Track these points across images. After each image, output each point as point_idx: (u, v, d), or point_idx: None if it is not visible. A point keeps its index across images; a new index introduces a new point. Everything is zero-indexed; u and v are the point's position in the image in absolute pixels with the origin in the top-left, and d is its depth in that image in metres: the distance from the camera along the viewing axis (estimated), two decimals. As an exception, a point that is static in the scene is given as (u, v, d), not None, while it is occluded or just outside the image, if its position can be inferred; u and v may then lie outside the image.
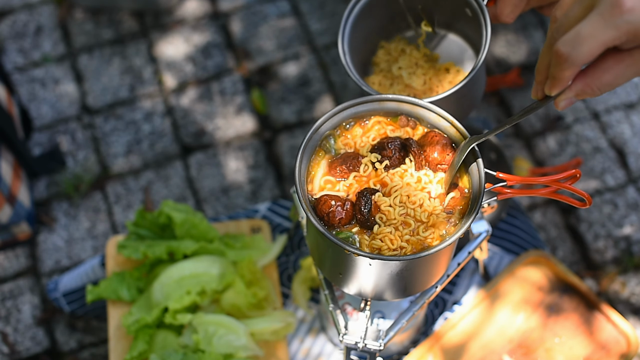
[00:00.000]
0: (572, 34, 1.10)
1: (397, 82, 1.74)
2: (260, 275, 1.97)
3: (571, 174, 1.34)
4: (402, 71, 1.74)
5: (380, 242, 1.38)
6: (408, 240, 1.38)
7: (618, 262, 2.21)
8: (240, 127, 2.43)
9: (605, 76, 1.14)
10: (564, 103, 1.20)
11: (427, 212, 1.40)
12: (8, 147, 2.14)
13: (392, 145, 1.45)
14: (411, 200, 1.40)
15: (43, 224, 2.28)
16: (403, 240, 1.38)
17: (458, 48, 1.77)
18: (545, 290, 2.02)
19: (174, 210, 2.02)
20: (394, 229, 1.39)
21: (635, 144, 2.38)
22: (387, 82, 1.75)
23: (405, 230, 1.39)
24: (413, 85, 1.72)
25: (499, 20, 1.57)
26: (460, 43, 1.78)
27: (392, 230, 1.38)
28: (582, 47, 1.09)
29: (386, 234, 1.38)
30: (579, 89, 1.17)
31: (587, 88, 1.16)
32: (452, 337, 1.96)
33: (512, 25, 2.54)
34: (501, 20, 1.56)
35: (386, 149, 1.44)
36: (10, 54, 2.54)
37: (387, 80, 1.76)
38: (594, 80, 1.15)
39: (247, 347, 1.87)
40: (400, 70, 1.74)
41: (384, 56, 1.78)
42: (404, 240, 1.38)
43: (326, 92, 2.47)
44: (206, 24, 2.59)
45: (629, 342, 1.94)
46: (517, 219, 2.15)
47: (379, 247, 1.38)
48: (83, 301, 2.08)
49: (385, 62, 1.78)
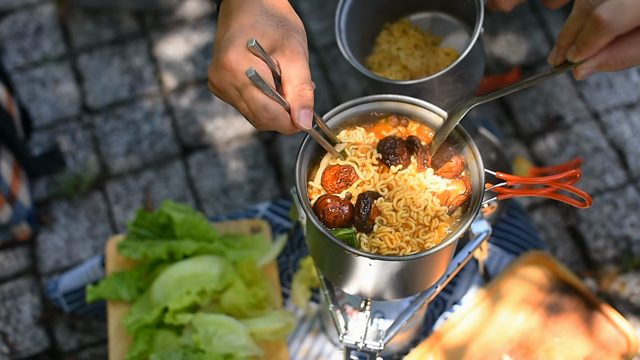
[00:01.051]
0: (615, 1, 1.09)
1: (394, 62, 1.75)
2: (260, 275, 1.97)
3: (571, 174, 1.34)
4: (400, 52, 1.75)
5: (379, 240, 1.38)
6: (408, 241, 1.38)
7: (618, 262, 2.21)
8: (240, 127, 2.43)
9: (630, 50, 1.14)
10: (585, 72, 1.20)
11: (429, 215, 1.40)
12: (8, 147, 2.14)
13: (401, 144, 1.44)
14: (415, 204, 1.40)
15: (43, 224, 2.28)
16: (403, 241, 1.38)
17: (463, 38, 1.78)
18: (545, 290, 2.02)
19: (174, 210, 2.02)
20: (394, 230, 1.39)
21: (635, 144, 2.38)
22: (386, 62, 1.77)
23: (406, 231, 1.39)
24: (409, 66, 1.73)
25: (497, 7, 1.57)
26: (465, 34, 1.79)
27: (392, 230, 1.38)
28: (624, 16, 1.09)
29: (386, 233, 1.38)
30: (602, 59, 1.16)
31: (611, 60, 1.15)
32: (452, 337, 1.96)
33: (512, 25, 2.55)
34: (499, 7, 1.57)
35: (396, 147, 1.43)
36: (10, 54, 2.54)
37: (385, 61, 1.77)
38: (620, 52, 1.15)
39: (247, 347, 1.87)
40: (399, 50, 1.75)
41: (386, 37, 1.80)
42: (404, 240, 1.38)
43: (326, 92, 2.47)
44: (206, 24, 2.59)
45: (629, 342, 1.94)
46: (517, 219, 2.15)
47: (378, 245, 1.38)
48: (83, 301, 2.08)
49: (387, 42, 1.79)
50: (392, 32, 1.80)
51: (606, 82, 2.47)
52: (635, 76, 2.48)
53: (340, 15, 1.69)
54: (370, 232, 1.39)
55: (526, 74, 2.45)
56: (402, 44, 1.76)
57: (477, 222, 1.71)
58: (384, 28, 1.81)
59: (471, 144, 1.43)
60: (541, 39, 2.52)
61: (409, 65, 1.73)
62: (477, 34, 1.57)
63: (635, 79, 2.48)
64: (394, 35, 1.79)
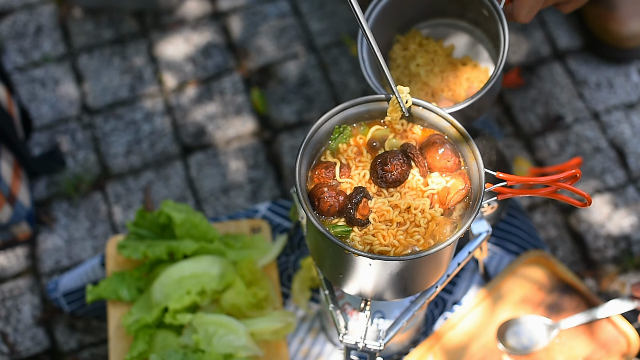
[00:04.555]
0: None
1: (414, 80, 1.75)
2: (260, 275, 1.97)
3: (571, 174, 1.34)
4: (420, 69, 1.74)
5: (372, 237, 1.39)
6: (400, 240, 1.39)
7: (618, 262, 2.21)
8: (240, 127, 2.43)
9: None
10: None
11: (426, 218, 1.40)
12: (8, 147, 2.14)
13: (395, 160, 1.42)
14: (415, 206, 1.40)
15: (43, 224, 2.28)
16: (396, 238, 1.38)
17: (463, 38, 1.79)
18: (545, 290, 2.02)
19: (174, 210, 2.02)
20: (387, 227, 1.39)
21: (635, 144, 2.38)
22: (405, 79, 1.76)
23: (400, 230, 1.39)
24: (430, 83, 1.73)
25: (516, 20, 1.59)
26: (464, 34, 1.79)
27: (385, 227, 1.39)
28: None
29: (380, 230, 1.39)
30: None
31: None
32: (452, 337, 1.96)
33: (512, 25, 2.54)
34: (518, 20, 1.58)
35: (389, 164, 1.42)
36: (10, 54, 2.54)
37: (405, 77, 1.76)
38: None
39: (247, 347, 1.87)
40: (419, 67, 1.75)
41: (400, 51, 1.79)
42: (397, 238, 1.38)
43: (326, 92, 2.47)
44: (206, 24, 2.59)
45: (629, 342, 1.94)
46: (517, 219, 2.15)
47: (371, 241, 1.38)
48: (83, 301, 2.08)
49: (402, 57, 1.78)
50: (406, 46, 1.79)
51: (606, 82, 2.47)
52: (635, 76, 2.48)
53: (361, 47, 1.67)
54: (363, 226, 1.40)
55: (526, 74, 2.45)
56: (421, 61, 1.75)
57: (477, 222, 1.71)
58: (395, 41, 1.80)
59: (471, 144, 1.43)
60: (541, 39, 2.52)
61: (429, 83, 1.72)
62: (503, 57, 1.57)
63: (635, 79, 2.48)
64: (409, 49, 1.78)
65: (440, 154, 1.42)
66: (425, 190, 1.42)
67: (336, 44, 2.55)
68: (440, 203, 1.42)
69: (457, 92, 1.71)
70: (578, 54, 2.51)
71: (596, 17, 2.41)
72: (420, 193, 1.42)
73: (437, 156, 1.42)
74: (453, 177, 1.43)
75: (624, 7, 2.35)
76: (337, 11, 2.61)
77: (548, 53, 2.50)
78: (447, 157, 1.42)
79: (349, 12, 2.60)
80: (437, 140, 1.44)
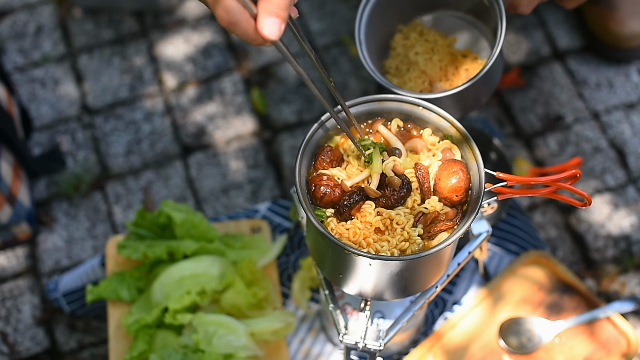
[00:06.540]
0: None
1: (413, 67, 1.75)
2: (260, 275, 1.97)
3: (571, 174, 1.34)
4: (418, 57, 1.74)
5: (345, 230, 1.40)
6: (369, 241, 1.39)
7: (618, 262, 2.21)
8: (240, 127, 2.43)
9: None
10: None
11: (403, 236, 1.40)
12: (8, 147, 2.14)
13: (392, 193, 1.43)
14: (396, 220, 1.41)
15: (43, 224, 2.28)
16: (365, 239, 1.39)
17: (473, 36, 1.79)
18: (545, 290, 2.02)
19: (174, 210, 2.02)
20: (363, 227, 1.40)
21: (635, 144, 2.38)
22: (404, 67, 1.76)
23: (375, 235, 1.40)
24: (428, 71, 1.73)
25: (516, 10, 1.59)
26: (470, 28, 1.79)
27: (362, 227, 1.40)
28: None
29: (356, 227, 1.40)
30: None
31: None
32: (452, 337, 1.96)
33: (512, 25, 2.54)
34: (519, 10, 1.58)
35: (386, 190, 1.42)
36: (10, 54, 2.54)
37: (403, 65, 1.76)
38: None
39: (247, 347, 1.87)
40: (417, 55, 1.75)
41: (401, 40, 1.79)
42: (366, 239, 1.39)
43: (326, 92, 2.47)
44: (206, 24, 2.59)
45: (629, 342, 1.94)
46: (517, 219, 2.15)
47: (341, 232, 1.40)
48: (83, 301, 2.08)
49: (402, 46, 1.78)
50: (407, 35, 1.79)
51: (606, 82, 2.47)
52: (635, 76, 2.48)
53: (359, 27, 1.68)
54: (345, 221, 1.41)
55: (526, 74, 2.45)
56: (420, 49, 1.76)
57: (477, 222, 1.71)
58: (397, 31, 1.81)
59: (471, 144, 1.43)
60: (541, 39, 2.52)
61: (427, 71, 1.73)
62: (500, 43, 1.57)
63: (635, 79, 2.48)
64: (410, 39, 1.78)
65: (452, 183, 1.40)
66: (416, 208, 1.42)
67: (336, 44, 2.55)
68: (423, 224, 1.41)
69: (456, 82, 1.71)
70: (578, 54, 2.51)
71: (596, 17, 2.41)
72: (410, 210, 1.43)
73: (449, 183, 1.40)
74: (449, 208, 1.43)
75: (624, 7, 2.35)
76: (337, 11, 2.61)
77: (548, 53, 2.50)
78: (457, 192, 1.40)
79: (349, 12, 2.60)
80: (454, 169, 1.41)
